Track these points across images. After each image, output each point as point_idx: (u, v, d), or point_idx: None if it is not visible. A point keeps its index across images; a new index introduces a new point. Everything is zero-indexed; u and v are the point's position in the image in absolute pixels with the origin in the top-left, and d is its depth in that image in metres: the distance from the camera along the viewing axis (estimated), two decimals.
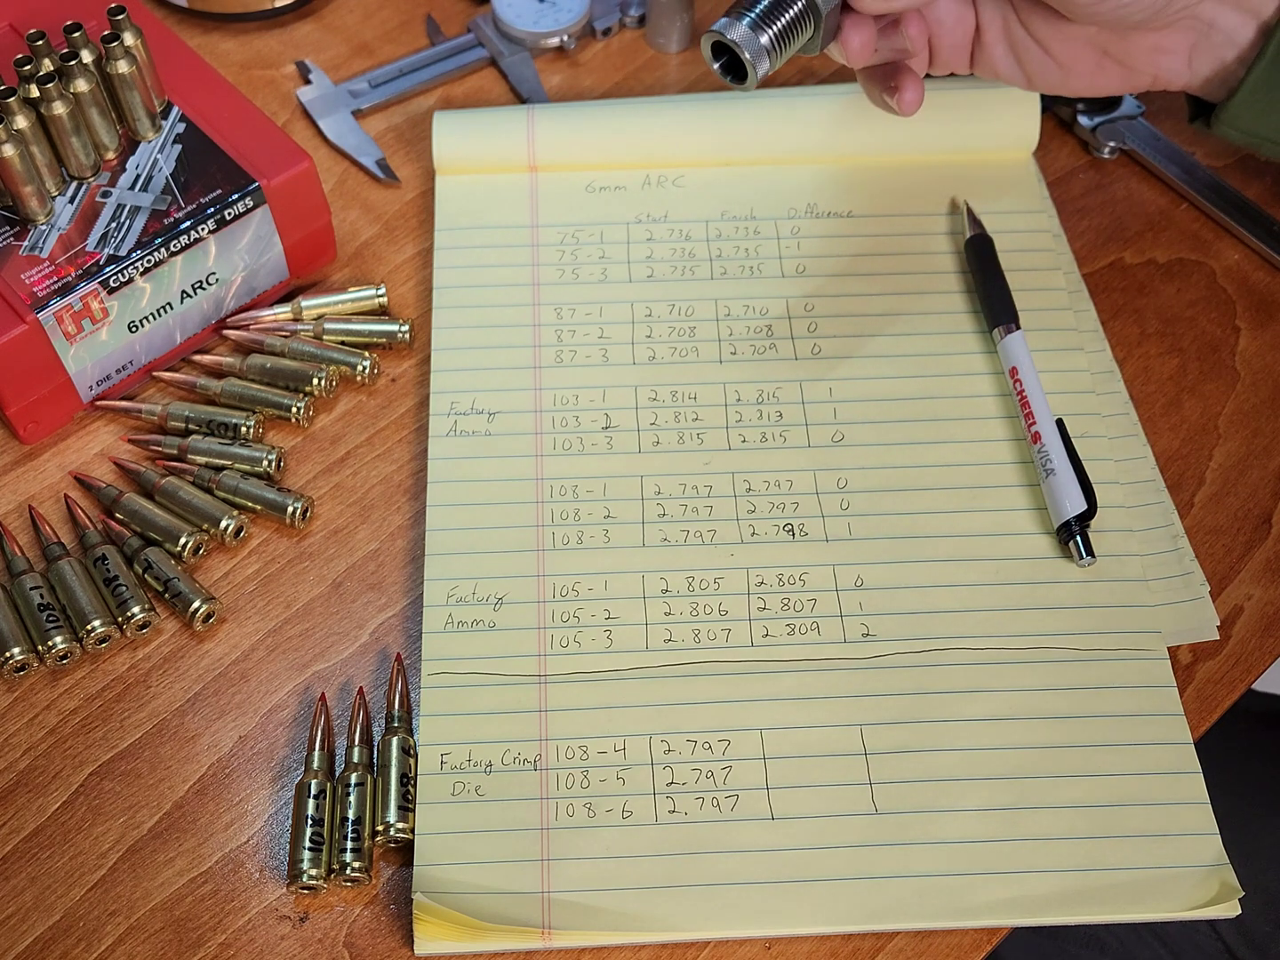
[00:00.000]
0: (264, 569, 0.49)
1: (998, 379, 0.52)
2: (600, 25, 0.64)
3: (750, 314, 0.55)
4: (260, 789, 0.44)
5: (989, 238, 0.55)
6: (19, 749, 0.45)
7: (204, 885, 0.42)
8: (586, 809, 0.43)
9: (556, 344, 0.54)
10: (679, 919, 0.41)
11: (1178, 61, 0.51)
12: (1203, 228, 0.58)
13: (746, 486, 0.50)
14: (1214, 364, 0.54)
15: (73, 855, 0.43)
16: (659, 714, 0.45)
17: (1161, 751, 0.44)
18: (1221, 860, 0.42)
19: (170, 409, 0.51)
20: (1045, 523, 0.49)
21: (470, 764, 0.44)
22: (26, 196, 0.49)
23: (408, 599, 0.48)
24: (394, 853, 0.43)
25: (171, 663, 0.47)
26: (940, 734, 0.44)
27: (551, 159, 0.58)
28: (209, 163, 0.52)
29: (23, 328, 0.47)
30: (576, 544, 0.48)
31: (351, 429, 0.52)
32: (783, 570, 0.48)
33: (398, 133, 0.62)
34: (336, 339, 0.54)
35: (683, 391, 0.52)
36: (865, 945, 0.42)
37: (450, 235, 0.57)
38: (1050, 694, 0.45)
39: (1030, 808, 0.43)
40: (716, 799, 0.43)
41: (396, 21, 0.65)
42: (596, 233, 0.57)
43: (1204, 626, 0.47)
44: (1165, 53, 0.50)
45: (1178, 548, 0.48)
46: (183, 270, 0.51)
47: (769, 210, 0.58)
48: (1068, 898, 0.41)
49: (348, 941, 0.42)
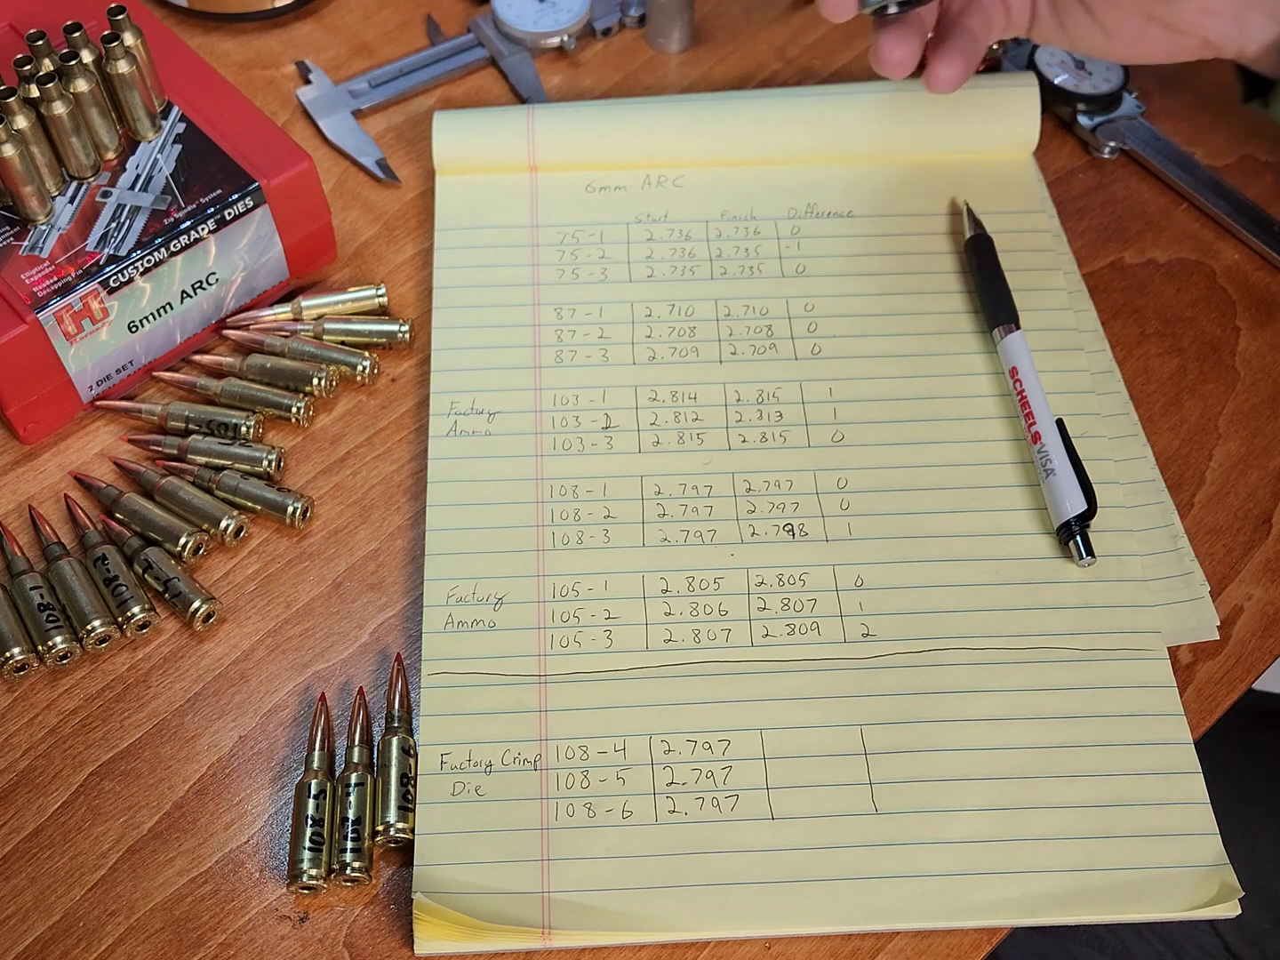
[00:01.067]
0: (264, 569, 0.49)
1: (998, 379, 0.52)
2: (600, 25, 0.64)
3: (750, 314, 0.55)
4: (260, 789, 0.44)
5: (989, 238, 0.55)
6: (19, 749, 0.45)
7: (204, 885, 0.42)
8: (586, 809, 0.43)
9: (556, 344, 0.54)
10: (679, 919, 0.41)
11: (1226, 23, 0.48)
12: (1203, 228, 0.58)
13: (746, 486, 0.50)
14: (1214, 364, 0.54)
15: (73, 855, 0.43)
16: (659, 714, 0.45)
17: (1161, 751, 0.44)
18: (1221, 860, 0.42)
19: (170, 409, 0.52)
20: (1045, 523, 0.49)
21: (470, 764, 0.44)
22: (26, 196, 0.49)
23: (408, 599, 0.48)
24: (394, 853, 0.43)
25: (171, 663, 0.47)
26: (940, 734, 0.44)
27: (551, 159, 0.58)
28: (209, 163, 0.52)
29: (23, 328, 0.47)
30: (576, 544, 0.48)
31: (351, 429, 0.52)
32: (783, 570, 0.48)
33: (398, 133, 0.62)
34: (336, 339, 0.54)
35: (683, 391, 0.52)
36: (865, 945, 0.42)
37: (450, 235, 0.57)
38: (1050, 694, 0.45)
39: (1030, 808, 0.43)
40: (716, 799, 0.43)
41: (396, 21, 0.65)
42: (596, 233, 0.57)
43: (1204, 626, 0.47)
44: (1212, 13, 0.48)
45: (1178, 548, 0.48)
46: (183, 270, 0.51)
47: (769, 210, 0.58)
48: (1068, 897, 0.41)
49: (348, 941, 0.42)
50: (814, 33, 0.65)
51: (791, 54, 0.64)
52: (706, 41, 0.65)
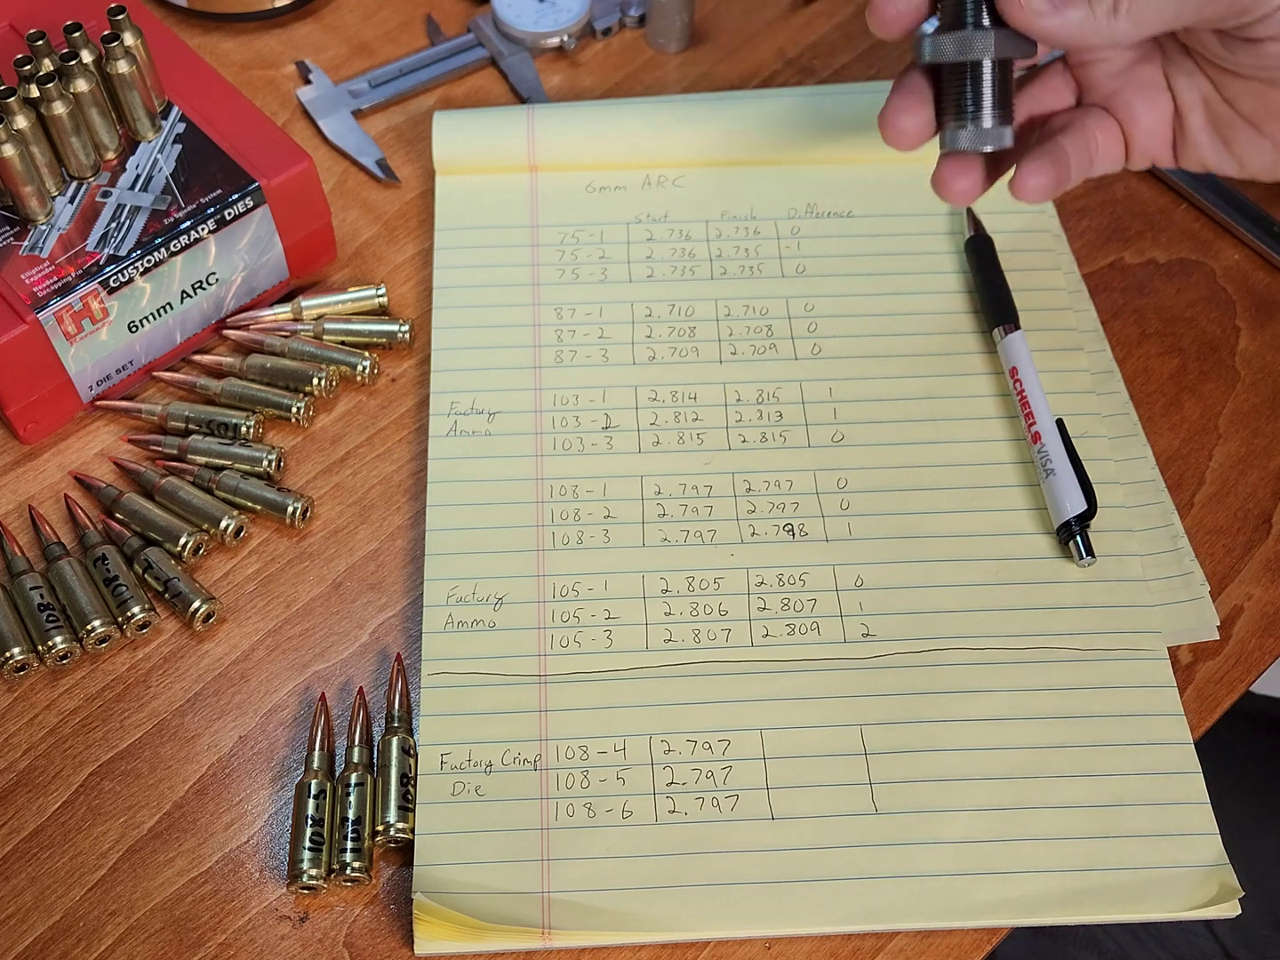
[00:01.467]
0: (264, 569, 0.49)
1: (998, 379, 0.52)
2: (600, 25, 0.64)
3: (750, 314, 0.55)
4: (260, 789, 0.44)
5: (989, 238, 0.55)
6: (19, 749, 0.45)
7: (204, 885, 0.42)
8: (586, 809, 0.43)
9: (556, 344, 0.54)
10: (679, 919, 0.41)
11: None
12: (1203, 228, 0.58)
13: (746, 486, 0.50)
14: (1214, 364, 0.54)
15: (73, 855, 0.43)
16: (659, 714, 0.45)
17: (1161, 751, 0.44)
18: (1221, 860, 0.42)
19: (170, 409, 0.52)
20: (1045, 523, 0.49)
21: (470, 764, 0.44)
22: (26, 196, 0.49)
23: (408, 599, 0.48)
24: (394, 853, 0.43)
25: (171, 663, 0.47)
26: (940, 734, 0.44)
27: (551, 159, 0.58)
28: (209, 163, 0.52)
29: (23, 328, 0.47)
30: (576, 544, 0.48)
31: (351, 429, 0.52)
32: (783, 570, 0.48)
33: (398, 133, 0.62)
34: (336, 339, 0.54)
35: (683, 391, 0.52)
36: (865, 945, 0.42)
37: (450, 235, 0.57)
38: (1050, 694, 0.45)
39: (1030, 808, 0.43)
40: (716, 799, 0.43)
41: (396, 21, 0.65)
42: (596, 233, 0.57)
43: (1204, 626, 0.47)
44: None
45: (1178, 548, 0.48)
46: (183, 270, 0.51)
47: (769, 210, 0.58)
48: (1068, 898, 0.41)
49: (348, 941, 0.42)
50: (814, 33, 0.65)
51: (791, 54, 0.64)
52: (706, 41, 0.65)
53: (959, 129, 0.44)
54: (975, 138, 0.44)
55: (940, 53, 0.43)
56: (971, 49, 0.43)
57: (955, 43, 0.43)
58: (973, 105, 0.44)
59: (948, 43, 0.43)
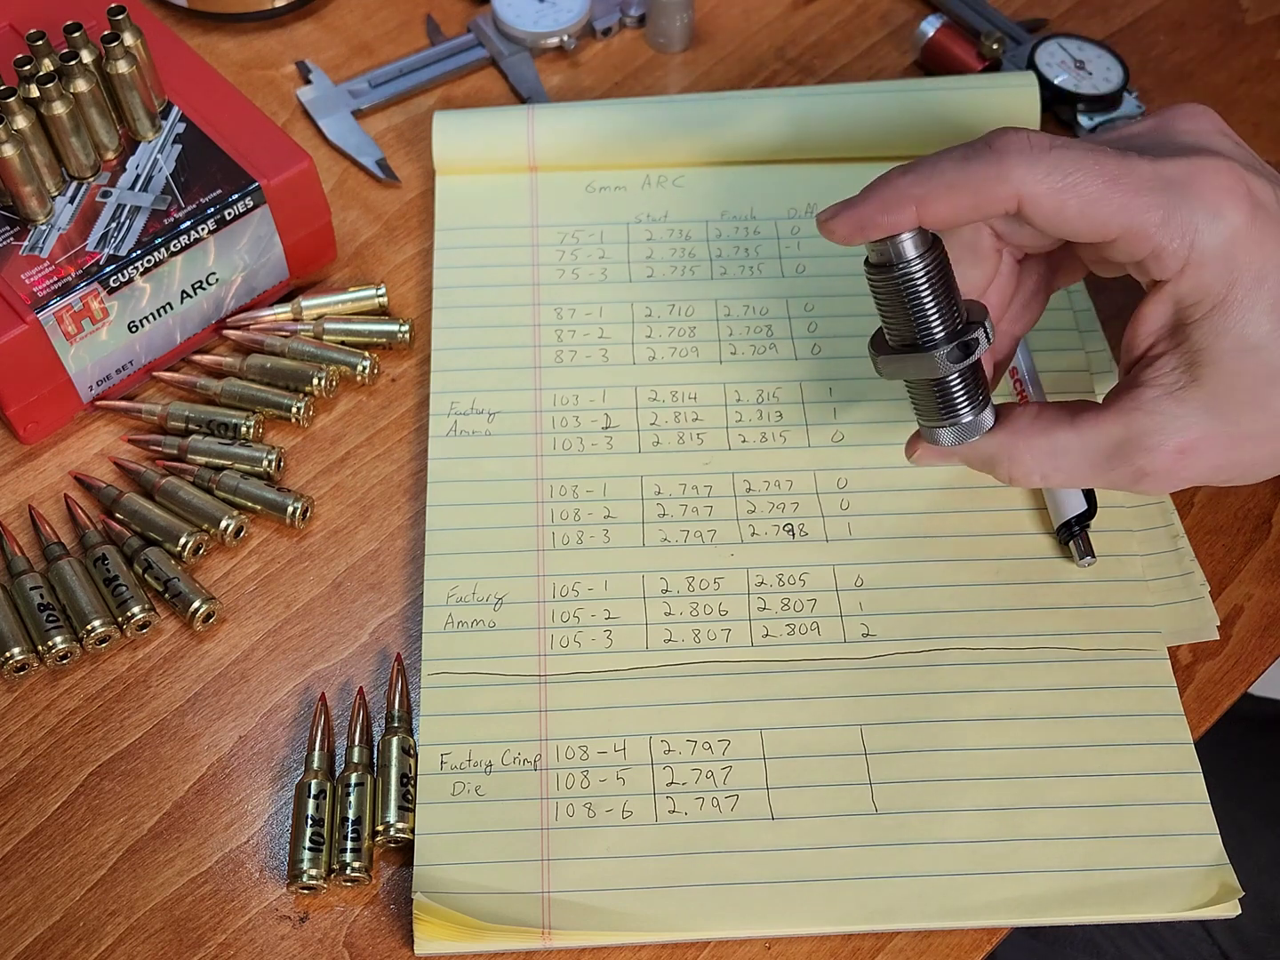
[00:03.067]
0: (264, 569, 0.49)
1: None
2: (600, 25, 0.64)
3: (750, 314, 0.55)
4: (260, 789, 0.44)
5: None
6: (19, 749, 0.45)
7: (204, 885, 0.42)
8: (586, 809, 0.43)
9: (556, 344, 0.54)
10: (679, 919, 0.41)
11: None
12: None
13: (746, 486, 0.50)
14: None
15: (73, 855, 0.43)
16: (659, 714, 0.45)
17: (1161, 751, 0.44)
18: (1221, 860, 0.42)
19: (170, 409, 0.52)
20: (1045, 523, 0.49)
21: (470, 764, 0.44)
22: (26, 196, 0.49)
23: (408, 599, 0.48)
24: (394, 853, 0.43)
25: (171, 663, 0.47)
26: (940, 734, 0.44)
27: (551, 159, 0.58)
28: (209, 163, 0.52)
29: (23, 328, 0.47)
30: (576, 544, 0.48)
31: (351, 429, 0.52)
32: (783, 570, 0.48)
33: (398, 133, 0.62)
34: (336, 339, 0.54)
35: (683, 391, 0.52)
36: (865, 945, 0.42)
37: (450, 235, 0.57)
38: (1050, 694, 0.45)
39: (1030, 808, 0.43)
40: (716, 799, 0.43)
41: (396, 21, 0.65)
42: (596, 233, 0.57)
43: (1204, 626, 0.47)
44: None
45: (1178, 548, 0.48)
46: (183, 270, 0.51)
47: (769, 210, 0.58)
48: (1068, 898, 0.41)
49: (348, 941, 0.42)
50: (814, 33, 0.65)
51: (791, 54, 0.64)
52: (706, 41, 0.65)
53: (938, 429, 0.44)
54: (958, 435, 0.44)
55: (899, 374, 0.43)
56: (935, 369, 0.42)
57: (914, 366, 0.42)
58: (945, 411, 0.43)
59: (908, 365, 0.43)
